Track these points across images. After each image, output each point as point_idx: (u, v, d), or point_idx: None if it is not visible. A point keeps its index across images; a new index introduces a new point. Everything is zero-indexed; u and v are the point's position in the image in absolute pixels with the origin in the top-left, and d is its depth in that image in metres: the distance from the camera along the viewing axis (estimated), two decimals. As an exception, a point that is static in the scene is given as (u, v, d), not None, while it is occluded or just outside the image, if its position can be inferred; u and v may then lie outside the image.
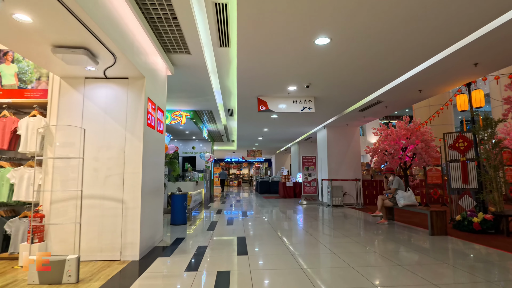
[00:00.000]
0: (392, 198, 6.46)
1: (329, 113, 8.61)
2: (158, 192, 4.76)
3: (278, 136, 13.81)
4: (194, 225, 6.36)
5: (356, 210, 9.26)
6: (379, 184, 10.74)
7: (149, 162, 4.19)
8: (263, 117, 9.37)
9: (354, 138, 10.77)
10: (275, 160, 26.06)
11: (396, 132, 9.28)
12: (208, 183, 13.21)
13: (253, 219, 7.34)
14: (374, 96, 6.76)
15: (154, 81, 4.48)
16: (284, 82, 5.83)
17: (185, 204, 6.53)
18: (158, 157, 4.75)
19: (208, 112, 9.18)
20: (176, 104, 8.23)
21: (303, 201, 11.05)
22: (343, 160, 10.60)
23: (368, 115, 8.84)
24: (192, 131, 12.50)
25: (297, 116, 9.19)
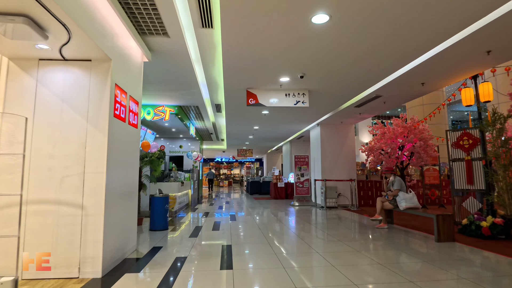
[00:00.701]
0: (392, 200, 5.96)
1: (324, 109, 8.09)
2: (131, 195, 4.13)
3: (269, 134, 13.26)
4: (176, 231, 5.74)
5: (351, 212, 8.77)
6: (375, 184, 10.29)
7: (117, 160, 3.57)
8: (253, 114, 8.80)
9: (348, 136, 10.29)
10: (267, 160, 25.52)
11: (393, 130, 8.84)
12: (196, 184, 12.56)
13: (241, 222, 6.75)
14: (373, 89, 6.26)
15: (125, 67, 3.85)
16: (276, 71, 5.26)
17: (166, 207, 5.90)
18: (130, 155, 4.12)
19: (195, 108, 8.55)
20: (159, 98, 7.57)
21: (295, 203, 10.52)
22: (337, 160, 10.11)
23: (364, 112, 8.35)
24: (178, 128, 11.83)
25: (290, 112, 8.65)
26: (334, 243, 4.69)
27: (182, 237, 5.17)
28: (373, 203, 10.17)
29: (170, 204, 8.03)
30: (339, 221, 6.99)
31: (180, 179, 8.94)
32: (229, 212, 8.64)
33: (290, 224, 6.72)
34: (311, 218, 7.67)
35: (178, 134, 13.60)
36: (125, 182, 3.87)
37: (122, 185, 3.76)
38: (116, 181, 3.54)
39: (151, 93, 7.07)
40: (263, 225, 6.36)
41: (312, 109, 8.13)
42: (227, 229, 5.92)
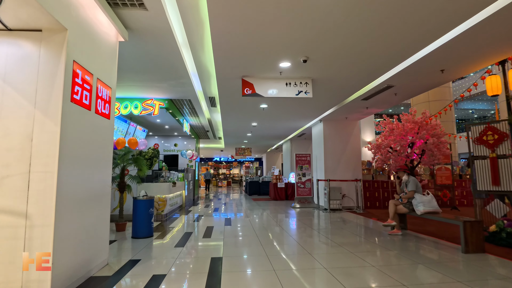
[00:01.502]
0: (407, 203, 5.26)
1: (328, 102, 7.38)
2: (100, 199, 3.43)
3: (268, 131, 12.55)
4: (161, 238, 5.04)
5: (357, 215, 8.07)
6: (382, 185, 9.59)
7: (76, 157, 2.87)
8: (250, 108, 8.10)
9: (353, 133, 9.59)
10: (266, 159, 24.83)
11: (403, 126, 8.13)
12: (191, 184, 11.87)
13: (237, 228, 6.06)
14: (384, 78, 5.56)
15: (90, 43, 3.15)
16: (275, 54, 4.55)
17: (151, 211, 5.20)
18: (99, 151, 3.42)
19: (187, 102, 7.85)
20: (147, 90, 6.87)
21: (296, 205, 9.82)
22: (341, 158, 9.41)
23: (372, 106, 7.65)
24: (172, 125, 11.14)
25: (290, 107, 7.95)
26: (343, 255, 3.98)
27: (167, 247, 4.47)
28: (380, 205, 9.48)
29: (160, 207, 7.34)
30: (345, 226, 6.29)
31: (171, 179, 8.24)
32: (225, 215, 7.94)
33: (291, 230, 6.02)
34: (314, 222, 6.98)
35: (172, 132, 12.91)
36: (90, 184, 3.17)
37: (85, 187, 3.06)
38: (74, 182, 2.84)
39: (137, 84, 6.37)
40: (261, 232, 5.66)
41: (315, 102, 7.42)
42: (220, 236, 5.22)
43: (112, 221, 6.49)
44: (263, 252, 4.13)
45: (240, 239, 5.06)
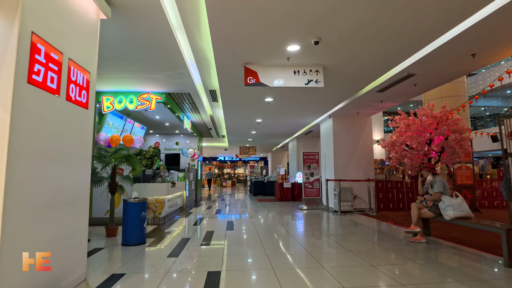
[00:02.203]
0: (433, 206, 4.63)
1: (340, 94, 6.74)
2: (75, 204, 2.89)
3: (274, 129, 11.96)
4: (154, 246, 4.49)
5: (370, 218, 7.44)
6: (396, 185, 8.94)
7: (39, 153, 2.32)
8: (254, 102, 7.52)
9: (365, 130, 8.95)
10: (271, 158, 24.24)
11: (420, 122, 7.48)
12: (192, 185, 11.33)
13: (240, 233, 5.49)
14: (404, 65, 4.94)
15: (59, 15, 2.61)
16: (282, 35, 3.96)
17: (143, 215, 4.66)
18: (74, 147, 2.87)
19: (187, 96, 7.30)
20: (142, 83, 6.34)
21: (304, 206, 9.21)
22: (352, 157, 8.78)
23: (387, 99, 7.01)
24: (172, 123, 10.62)
25: (298, 100, 7.35)
26: (363, 269, 3.38)
27: (159, 257, 3.91)
28: (394, 206, 8.83)
29: (157, 209, 6.81)
30: (359, 231, 5.68)
31: (170, 179, 7.70)
32: (227, 218, 7.38)
33: (300, 235, 5.43)
34: (325, 226, 6.38)
35: (174, 130, 12.40)
36: (60, 185, 2.62)
37: (52, 189, 2.51)
38: (35, 183, 2.30)
39: (130, 75, 5.84)
40: (267, 238, 5.08)
41: (325, 95, 6.81)
42: (220, 243, 4.66)
43: (103, 225, 5.98)
44: (268, 264, 3.55)
45: (243, 247, 4.48)
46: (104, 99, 6.78)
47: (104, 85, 6.49)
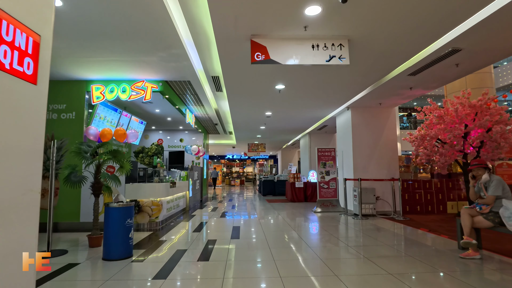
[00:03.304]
0: (490, 213, 3.66)
1: (364, 78, 5.71)
2: (10, 215, 2.05)
3: (284, 124, 11.02)
4: (141, 261, 3.66)
5: (396, 223, 6.47)
6: (424, 185, 7.91)
7: None
8: (263, 91, 6.62)
9: (388, 123, 7.95)
10: (281, 156, 23.30)
11: (456, 112, 6.46)
12: (197, 184, 10.53)
13: (247, 243, 4.62)
14: (449, 38, 3.97)
15: None
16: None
17: (128, 223, 3.83)
18: (12, 136, 2.04)
19: (187, 85, 6.46)
20: (134, 68, 5.53)
21: (318, 208, 8.28)
22: (374, 153, 7.80)
23: (419, 85, 6.01)
24: (175, 117, 9.82)
25: (313, 88, 6.41)
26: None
27: (141, 279, 3.08)
28: (422, 209, 7.82)
29: (154, 213, 6.01)
30: (388, 240, 4.73)
31: (169, 179, 6.89)
32: (233, 222, 6.52)
33: (318, 247, 4.51)
34: (346, 233, 5.45)
35: (177, 126, 11.62)
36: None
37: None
38: None
39: (119, 58, 5.02)
40: (279, 250, 4.20)
41: (346, 80, 5.86)
42: (222, 258, 3.80)
43: (86, 231, 5.21)
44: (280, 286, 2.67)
45: (250, 264, 3.61)
46: (93, 89, 6.01)
47: (92, 72, 5.70)
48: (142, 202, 5.93)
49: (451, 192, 7.93)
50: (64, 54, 4.83)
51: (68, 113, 6.05)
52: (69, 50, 4.66)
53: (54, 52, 4.70)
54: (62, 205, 5.80)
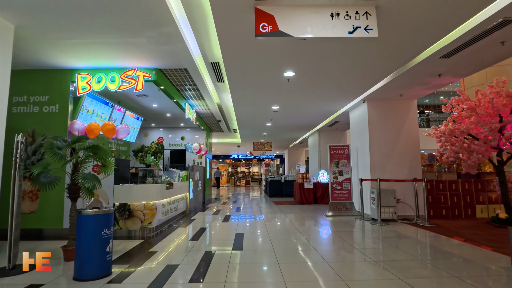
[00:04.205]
0: None
1: (389, 60, 4.85)
2: None
3: (292, 119, 10.24)
4: (119, 282, 2.96)
5: (421, 229, 5.67)
6: (449, 186, 7.08)
7: None
8: (269, 78, 5.88)
9: (409, 117, 7.14)
10: (288, 156, 22.52)
11: (491, 103, 5.63)
12: (198, 185, 9.84)
13: (251, 255, 3.89)
14: (503, 3, 3.18)
15: None
16: None
17: (105, 234, 3.12)
18: None
19: (184, 74, 5.76)
20: (122, 54, 4.85)
21: (331, 212, 7.50)
22: (393, 151, 7.00)
23: (450, 71, 5.21)
24: (174, 113, 9.15)
25: (327, 75, 5.65)
26: None
27: (114, 309, 2.37)
28: (448, 213, 6.98)
29: (147, 218, 5.33)
30: (418, 252, 3.95)
31: (165, 179, 6.19)
32: (236, 228, 5.80)
33: (337, 260, 3.75)
34: (365, 243, 4.67)
35: (178, 122, 10.96)
36: None
37: None
38: None
39: (103, 40, 4.34)
40: (288, 266, 3.45)
41: (366, 64, 5.08)
42: (219, 277, 3.07)
43: (62, 239, 4.53)
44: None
45: (252, 283, 2.88)
46: (79, 78, 5.35)
47: (76, 59, 5.04)
48: (133, 206, 5.25)
49: (480, 194, 7.08)
50: (36, 35, 4.16)
51: (51, 106, 5.40)
52: (41, 29, 3.99)
53: (23, 32, 4.04)
54: (44, 209, 5.16)
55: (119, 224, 5.20)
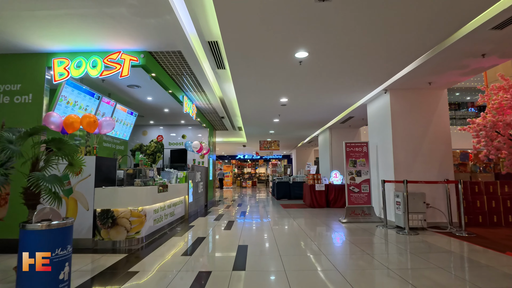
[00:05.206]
0: None
1: (426, 33, 4.07)
2: None
3: (302, 114, 9.36)
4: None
5: (458, 239, 4.76)
6: (486, 189, 6.13)
7: None
8: (277, 59, 5.03)
9: (438, 109, 6.21)
10: (296, 156, 21.62)
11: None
12: (200, 187, 9.04)
13: (255, 279, 3.04)
14: None
15: None
16: None
17: (58, 257, 2.31)
18: None
19: (178, 57, 4.96)
20: (102, 32, 4.06)
21: (347, 218, 6.61)
22: (420, 148, 6.08)
23: (497, 50, 4.28)
24: (173, 108, 8.37)
25: (346, 56, 4.78)
26: None
27: None
28: (485, 220, 6.03)
29: (134, 227, 4.53)
30: (470, 274, 3.04)
31: (159, 181, 5.37)
32: (239, 238, 4.95)
33: (366, 285, 2.87)
34: (399, 260, 3.77)
35: (178, 119, 10.19)
36: None
37: None
38: None
39: (74, 11, 3.56)
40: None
41: (397, 38, 4.20)
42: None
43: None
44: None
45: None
46: (55, 63, 4.58)
47: (52, 39, 4.27)
48: (117, 213, 4.45)
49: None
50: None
51: (23, 96, 4.64)
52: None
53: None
54: (13, 217, 4.39)
55: (100, 234, 4.40)
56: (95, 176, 4.42)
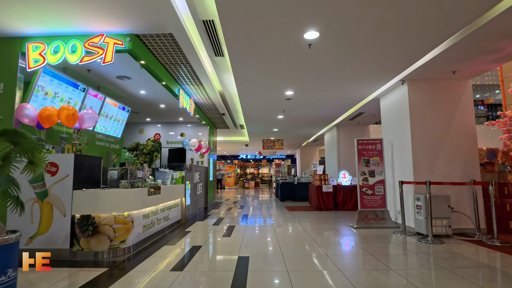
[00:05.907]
0: None
1: (455, 9, 3.47)
2: None
3: (308, 110, 8.73)
4: None
5: (491, 250, 4.13)
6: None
7: None
8: (283, 41, 4.42)
9: (462, 101, 5.57)
10: (300, 156, 20.98)
11: None
12: (199, 188, 8.45)
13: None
14: None
15: None
16: None
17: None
18: None
19: (170, 42, 4.38)
20: (80, 11, 3.48)
21: (358, 224, 5.98)
22: (442, 145, 5.44)
23: (542, 28, 3.64)
24: (169, 103, 7.81)
25: (362, 37, 4.16)
26: None
27: None
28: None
29: (118, 235, 3.96)
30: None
31: (150, 182, 4.78)
32: (240, 247, 4.35)
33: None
34: (425, 278, 3.14)
35: (177, 116, 9.63)
36: None
37: None
38: None
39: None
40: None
41: (421, 19, 3.58)
42: None
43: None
44: None
45: None
46: (30, 48, 4.02)
47: (25, 19, 3.71)
48: (98, 219, 3.87)
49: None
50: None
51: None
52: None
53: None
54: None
55: (80, 243, 3.82)
56: (73, 176, 3.84)
